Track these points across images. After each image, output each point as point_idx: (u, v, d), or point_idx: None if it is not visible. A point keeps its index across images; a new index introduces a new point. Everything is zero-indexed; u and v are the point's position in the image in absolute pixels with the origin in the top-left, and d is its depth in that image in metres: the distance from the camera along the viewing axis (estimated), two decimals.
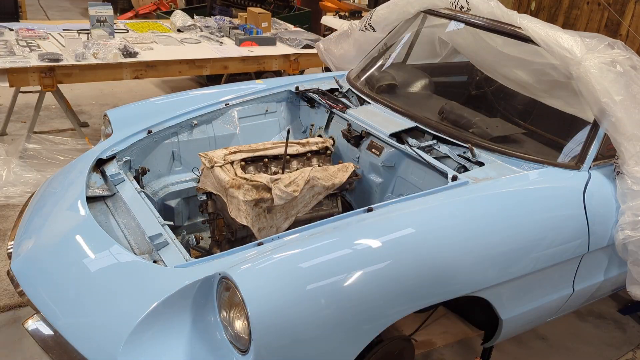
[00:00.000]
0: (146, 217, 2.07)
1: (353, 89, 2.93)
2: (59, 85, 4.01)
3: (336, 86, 3.00)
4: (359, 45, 3.49)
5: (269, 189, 2.19)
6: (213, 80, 5.76)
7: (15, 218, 2.95)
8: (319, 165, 2.54)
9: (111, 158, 2.46)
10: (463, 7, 2.81)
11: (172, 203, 2.66)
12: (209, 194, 2.43)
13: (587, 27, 4.86)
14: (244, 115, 2.92)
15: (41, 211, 2.23)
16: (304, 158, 2.54)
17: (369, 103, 2.78)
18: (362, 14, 6.17)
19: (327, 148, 2.60)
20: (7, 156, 3.87)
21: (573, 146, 2.31)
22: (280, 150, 2.47)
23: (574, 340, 2.92)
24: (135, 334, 1.63)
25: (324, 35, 6.29)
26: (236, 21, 5.58)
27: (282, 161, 2.45)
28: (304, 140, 2.58)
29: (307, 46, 4.87)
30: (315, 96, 2.91)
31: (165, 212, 2.63)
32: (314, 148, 2.56)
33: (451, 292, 1.86)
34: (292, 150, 2.50)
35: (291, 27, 5.76)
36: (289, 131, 2.54)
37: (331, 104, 2.79)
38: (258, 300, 1.56)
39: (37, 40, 4.26)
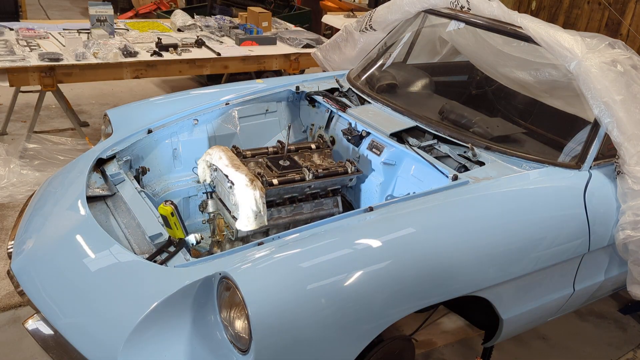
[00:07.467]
0: (146, 217, 2.07)
1: (353, 89, 2.92)
2: (59, 85, 4.00)
3: (337, 86, 3.00)
4: (360, 47, 3.49)
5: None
6: (213, 79, 5.76)
7: (15, 218, 2.96)
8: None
9: (111, 158, 2.45)
10: (463, 7, 2.81)
11: None
12: (209, 194, 2.43)
13: (588, 27, 4.86)
14: (244, 114, 2.92)
15: (41, 211, 2.23)
16: (305, 154, 2.54)
17: (369, 102, 2.78)
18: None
19: (325, 142, 2.60)
20: (7, 156, 3.87)
21: (574, 146, 2.31)
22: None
23: (574, 339, 2.92)
24: (135, 334, 1.62)
25: (325, 35, 6.29)
26: (236, 21, 5.57)
27: (283, 157, 2.45)
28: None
29: (307, 46, 4.86)
30: (319, 98, 2.90)
31: None
32: (312, 146, 2.56)
33: (451, 292, 1.86)
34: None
35: (291, 26, 5.76)
36: (289, 128, 2.54)
37: (334, 105, 2.78)
38: (258, 300, 1.56)
39: (37, 39, 4.26)
